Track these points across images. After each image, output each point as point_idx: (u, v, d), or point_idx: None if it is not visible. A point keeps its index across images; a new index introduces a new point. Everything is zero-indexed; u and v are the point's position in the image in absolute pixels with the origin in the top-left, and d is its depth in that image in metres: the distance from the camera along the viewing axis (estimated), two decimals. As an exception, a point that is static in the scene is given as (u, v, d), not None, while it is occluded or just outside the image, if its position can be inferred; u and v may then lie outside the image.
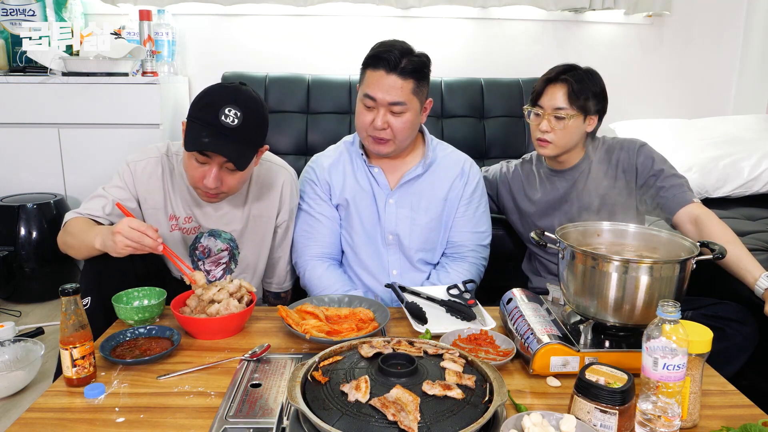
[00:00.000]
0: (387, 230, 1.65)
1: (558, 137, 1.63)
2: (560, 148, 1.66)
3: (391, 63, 1.50)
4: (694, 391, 0.98)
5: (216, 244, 1.62)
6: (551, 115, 1.62)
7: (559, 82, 1.62)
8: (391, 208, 1.65)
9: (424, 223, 1.66)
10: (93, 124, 2.63)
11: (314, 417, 0.82)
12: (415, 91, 1.53)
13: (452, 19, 3.05)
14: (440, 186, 1.67)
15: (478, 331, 1.26)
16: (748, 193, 2.47)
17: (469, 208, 1.69)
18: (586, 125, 1.66)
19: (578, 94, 1.60)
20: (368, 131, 1.57)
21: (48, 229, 2.55)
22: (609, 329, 1.19)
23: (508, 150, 2.86)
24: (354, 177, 1.68)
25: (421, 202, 1.66)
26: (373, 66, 1.53)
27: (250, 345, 1.25)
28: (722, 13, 3.15)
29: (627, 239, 1.30)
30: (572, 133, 1.63)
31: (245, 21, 3.01)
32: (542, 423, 0.89)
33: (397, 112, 1.53)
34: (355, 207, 1.67)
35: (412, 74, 1.51)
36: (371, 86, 1.53)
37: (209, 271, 1.65)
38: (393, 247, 1.66)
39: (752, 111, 3.04)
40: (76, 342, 1.08)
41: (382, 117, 1.53)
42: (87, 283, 1.42)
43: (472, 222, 1.69)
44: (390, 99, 1.51)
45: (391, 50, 1.51)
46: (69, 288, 1.08)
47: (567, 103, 1.61)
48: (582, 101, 1.61)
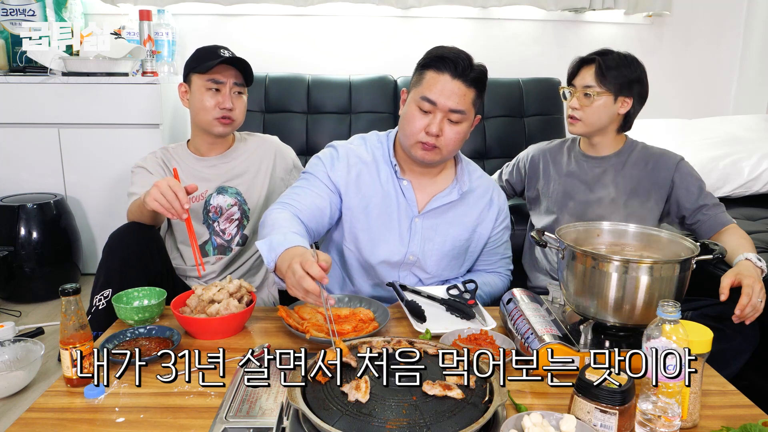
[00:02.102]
0: (410, 252, 1.54)
1: (586, 115, 1.67)
2: (588, 126, 1.68)
3: (459, 68, 1.39)
4: (694, 391, 0.98)
5: (225, 199, 1.77)
6: (581, 93, 1.67)
7: (591, 62, 1.67)
8: (416, 227, 1.54)
9: (447, 251, 1.56)
10: (93, 124, 2.64)
11: (314, 417, 0.82)
12: (474, 102, 1.45)
13: (452, 19, 3.05)
14: (470, 215, 1.58)
15: (478, 331, 1.26)
16: (748, 193, 2.47)
17: (499, 240, 1.65)
18: (617, 106, 1.66)
19: (606, 72, 1.63)
20: (419, 137, 1.44)
21: (48, 229, 2.55)
22: (609, 329, 1.19)
23: (508, 150, 2.86)
24: (379, 183, 1.54)
25: (450, 229, 1.56)
26: (436, 68, 1.42)
27: (250, 345, 1.25)
28: (722, 13, 3.15)
29: (627, 239, 1.30)
30: (600, 111, 1.66)
31: (245, 21, 3.01)
32: (542, 423, 0.89)
33: (455, 120, 1.43)
34: (369, 216, 1.53)
35: (475, 84, 1.42)
36: (432, 89, 1.41)
37: (224, 230, 1.76)
38: (409, 265, 1.57)
39: (752, 111, 3.04)
40: (76, 342, 1.08)
41: (438, 123, 1.41)
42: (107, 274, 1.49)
43: (501, 250, 1.66)
44: (451, 105, 1.40)
45: (459, 54, 1.41)
46: (69, 288, 1.08)
47: (595, 82, 1.64)
48: (611, 80, 1.63)
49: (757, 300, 1.33)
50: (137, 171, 1.73)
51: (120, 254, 1.50)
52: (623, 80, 1.64)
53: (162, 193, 1.35)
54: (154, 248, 1.58)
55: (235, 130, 1.77)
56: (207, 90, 1.68)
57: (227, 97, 1.68)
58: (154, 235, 1.60)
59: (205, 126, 1.72)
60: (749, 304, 1.31)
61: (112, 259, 1.50)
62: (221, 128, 1.71)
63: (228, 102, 1.67)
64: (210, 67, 1.65)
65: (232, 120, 1.71)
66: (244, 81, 1.72)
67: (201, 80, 1.68)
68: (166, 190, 1.35)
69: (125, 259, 1.49)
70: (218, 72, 1.67)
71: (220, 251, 1.77)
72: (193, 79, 1.70)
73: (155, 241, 1.60)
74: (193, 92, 1.71)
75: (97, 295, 1.48)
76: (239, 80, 1.70)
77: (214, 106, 1.67)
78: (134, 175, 1.73)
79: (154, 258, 1.56)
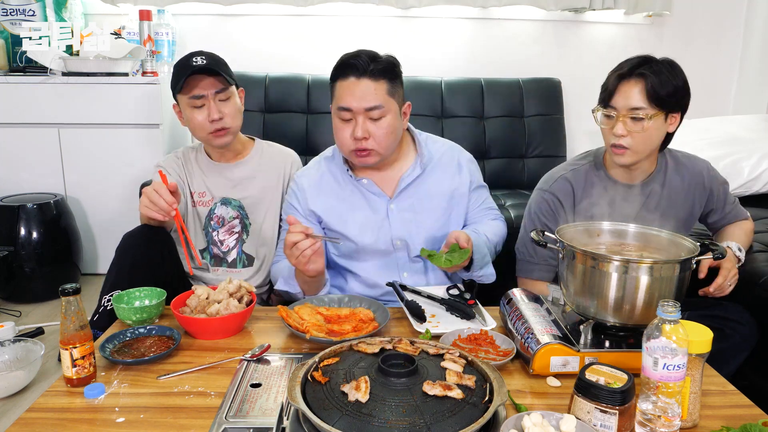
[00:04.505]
0: (395, 237, 1.57)
1: (636, 142, 1.41)
2: (639, 154, 1.44)
3: (360, 67, 1.42)
4: (694, 391, 0.98)
5: (228, 211, 1.76)
6: (627, 117, 1.40)
7: (635, 77, 1.40)
8: (393, 214, 1.57)
9: (429, 224, 1.59)
10: (93, 124, 2.64)
11: (314, 417, 0.82)
12: (390, 92, 1.46)
13: (452, 19, 3.05)
14: (441, 183, 1.60)
15: (478, 331, 1.26)
16: (748, 193, 2.47)
17: (480, 198, 1.66)
18: (668, 125, 1.44)
19: (658, 89, 1.38)
20: (350, 146, 1.47)
21: (48, 229, 2.55)
22: (609, 329, 1.19)
23: (508, 150, 2.86)
24: (340, 195, 1.59)
25: (423, 202, 1.59)
26: (342, 76, 1.46)
27: (250, 345, 1.25)
28: (722, 13, 3.15)
29: (627, 239, 1.29)
30: (653, 136, 1.42)
31: (245, 21, 3.01)
32: (542, 423, 0.89)
33: (376, 117, 1.44)
34: (346, 224, 1.58)
35: (383, 75, 1.44)
36: (344, 96, 1.44)
37: (222, 241, 1.75)
38: (402, 251, 1.60)
39: (752, 111, 3.04)
40: (76, 342, 1.08)
41: (361, 126, 1.44)
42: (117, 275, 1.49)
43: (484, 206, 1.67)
44: (365, 104, 1.43)
45: (357, 56, 1.44)
46: (69, 288, 1.08)
47: (645, 102, 1.38)
48: (663, 97, 1.38)
49: (727, 284, 1.45)
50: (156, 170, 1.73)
51: (131, 256, 1.51)
52: (675, 94, 1.40)
53: (148, 197, 1.42)
54: (165, 251, 1.58)
55: (234, 135, 1.72)
56: (193, 108, 1.65)
57: (213, 108, 1.64)
58: (165, 239, 1.60)
59: (203, 142, 1.75)
60: (720, 285, 1.44)
61: (123, 261, 1.51)
62: (218, 141, 1.69)
63: (215, 113, 1.64)
64: (182, 84, 1.62)
65: (226, 129, 1.67)
66: (226, 84, 1.66)
67: (184, 99, 1.66)
68: (151, 193, 1.41)
69: (135, 261, 1.50)
70: (196, 86, 1.63)
71: (216, 262, 1.77)
72: (179, 98, 1.69)
73: (166, 245, 1.60)
74: (183, 111, 1.70)
75: (105, 296, 1.49)
76: (219, 87, 1.65)
77: (203, 122, 1.65)
78: (154, 174, 1.71)
79: (165, 261, 1.57)
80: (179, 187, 1.61)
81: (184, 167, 1.79)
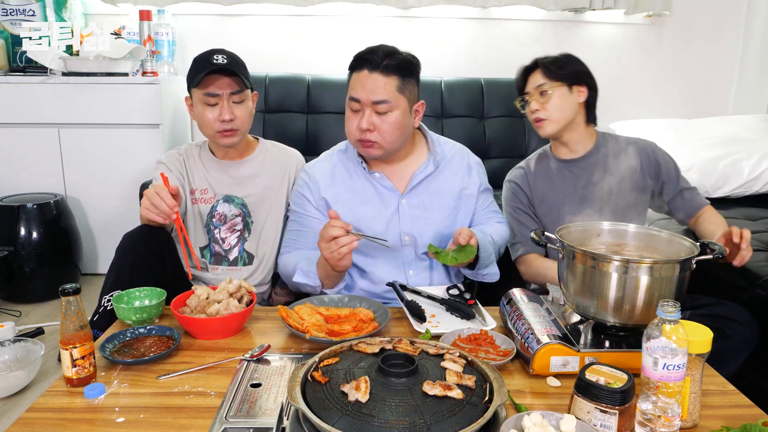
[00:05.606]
0: (403, 232, 1.59)
1: (549, 112, 1.68)
2: (556, 122, 1.69)
3: (374, 62, 1.47)
4: (694, 391, 0.98)
5: (230, 209, 1.76)
6: (536, 93, 1.70)
7: (534, 68, 1.73)
8: (404, 209, 1.60)
9: (438, 221, 1.61)
10: (93, 124, 2.64)
11: (314, 417, 0.82)
12: (400, 88, 1.49)
13: (452, 19, 3.05)
14: (451, 182, 1.64)
15: (478, 331, 1.26)
16: (748, 193, 2.47)
17: (486, 201, 1.69)
18: (575, 96, 1.69)
19: (552, 67, 1.68)
20: (356, 135, 1.52)
21: (48, 229, 2.55)
22: (609, 329, 1.19)
23: (508, 150, 2.86)
24: (352, 187, 1.61)
25: (434, 200, 1.61)
26: (356, 68, 1.51)
27: (250, 345, 1.25)
28: (722, 13, 3.15)
29: (627, 239, 1.30)
30: (562, 103, 1.68)
31: (245, 21, 3.01)
32: (542, 423, 0.89)
33: (383, 111, 1.48)
34: (356, 216, 1.59)
35: (395, 71, 1.48)
36: (355, 88, 1.50)
37: (224, 239, 1.75)
38: (409, 247, 1.61)
39: (752, 111, 3.04)
40: (76, 342, 1.08)
41: (367, 118, 1.48)
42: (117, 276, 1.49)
43: (489, 209, 1.70)
44: (373, 98, 1.47)
45: (374, 51, 1.49)
46: (69, 288, 1.08)
47: (545, 79, 1.68)
48: (560, 73, 1.68)
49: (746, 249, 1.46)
50: (158, 167, 1.75)
51: (131, 256, 1.51)
52: (571, 71, 1.69)
53: (149, 199, 1.41)
54: (165, 251, 1.58)
55: (242, 137, 1.73)
56: (205, 105, 1.66)
57: (225, 109, 1.64)
58: (165, 239, 1.60)
59: (210, 139, 1.76)
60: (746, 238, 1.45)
61: (123, 261, 1.51)
62: (225, 140, 1.69)
63: (227, 113, 1.64)
64: (200, 80, 1.62)
65: (235, 130, 1.68)
66: (242, 86, 1.67)
67: (198, 94, 1.66)
68: (152, 196, 1.41)
69: (136, 261, 1.50)
70: (212, 84, 1.63)
71: (216, 260, 1.77)
72: (193, 92, 1.69)
73: (166, 245, 1.60)
74: (195, 106, 1.70)
75: (105, 296, 1.49)
76: (235, 88, 1.65)
77: (213, 120, 1.65)
78: (155, 171, 1.73)
79: (165, 261, 1.57)
80: (179, 186, 1.61)
81: (185, 164, 1.78)
